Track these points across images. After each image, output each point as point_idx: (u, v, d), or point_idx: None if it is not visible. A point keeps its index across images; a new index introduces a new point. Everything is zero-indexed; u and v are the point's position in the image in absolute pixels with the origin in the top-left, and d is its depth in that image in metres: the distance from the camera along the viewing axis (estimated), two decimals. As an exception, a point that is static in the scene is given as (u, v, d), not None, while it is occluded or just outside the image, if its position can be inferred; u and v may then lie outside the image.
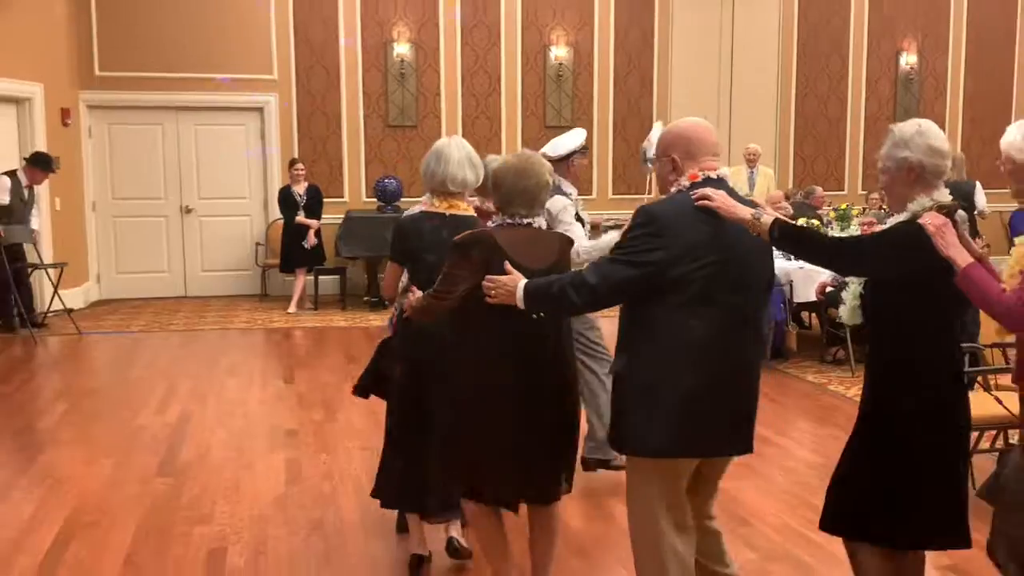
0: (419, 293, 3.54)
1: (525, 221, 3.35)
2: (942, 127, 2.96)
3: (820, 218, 9.12)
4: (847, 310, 3.06)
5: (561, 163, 4.82)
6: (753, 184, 10.76)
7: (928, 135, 2.90)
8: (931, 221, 2.77)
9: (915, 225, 2.79)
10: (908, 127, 2.93)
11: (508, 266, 3.15)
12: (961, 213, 2.96)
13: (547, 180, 3.38)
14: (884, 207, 10.67)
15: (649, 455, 2.95)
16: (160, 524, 4.50)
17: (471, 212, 3.89)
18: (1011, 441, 4.68)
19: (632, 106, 12.32)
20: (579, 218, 4.81)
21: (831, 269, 3.33)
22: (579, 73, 12.26)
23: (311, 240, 10.63)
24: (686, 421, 2.88)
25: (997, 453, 4.54)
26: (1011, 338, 2.97)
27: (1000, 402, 4.11)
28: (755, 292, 3.03)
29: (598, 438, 4.83)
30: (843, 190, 12.87)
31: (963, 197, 8.73)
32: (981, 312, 3.60)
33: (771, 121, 12.88)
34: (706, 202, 2.89)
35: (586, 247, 4.43)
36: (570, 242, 3.56)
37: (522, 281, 3.09)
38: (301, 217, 10.63)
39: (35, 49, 10.07)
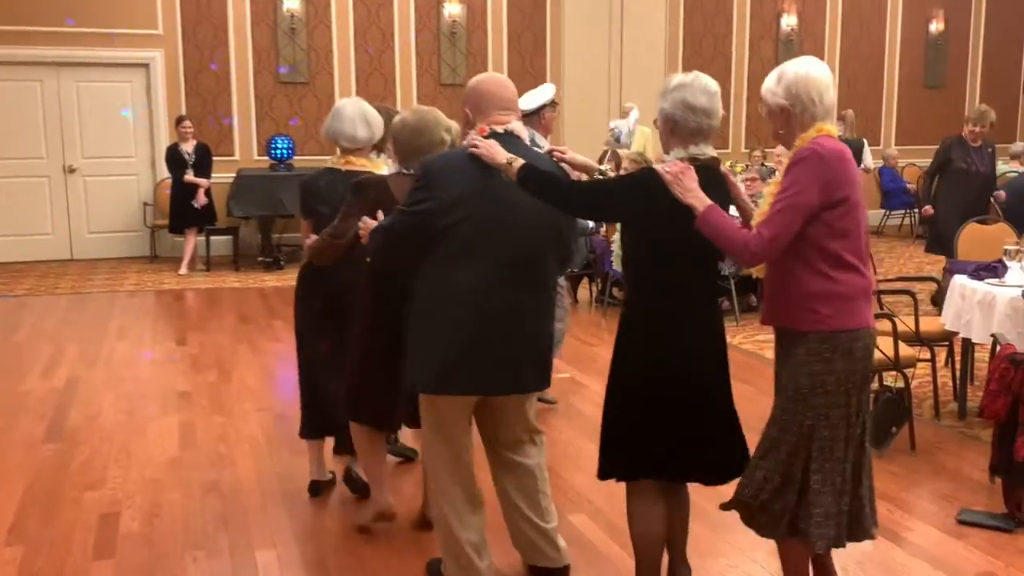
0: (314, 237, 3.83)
1: None
2: (820, 86, 2.90)
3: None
4: (616, 259, 3.18)
5: (532, 116, 5.18)
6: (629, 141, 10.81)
7: (687, 89, 2.90)
8: (669, 169, 2.82)
9: (652, 172, 2.86)
10: (674, 79, 2.95)
11: (366, 219, 3.33)
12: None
13: (442, 137, 3.50)
14: (765, 163, 10.98)
15: (422, 392, 3.17)
16: (48, 491, 4.41)
17: (370, 167, 4.03)
18: (886, 383, 4.78)
19: (526, 64, 12.33)
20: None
21: (576, 215, 3.37)
22: (473, 31, 12.20)
23: (201, 199, 10.41)
24: (451, 363, 3.05)
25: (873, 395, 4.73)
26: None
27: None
28: (534, 236, 3.10)
29: None
30: (727, 148, 13.05)
31: (852, 154, 9.01)
32: None
33: (659, 80, 12.94)
34: (473, 150, 3.01)
35: None
36: None
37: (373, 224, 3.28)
38: (190, 176, 10.39)
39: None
